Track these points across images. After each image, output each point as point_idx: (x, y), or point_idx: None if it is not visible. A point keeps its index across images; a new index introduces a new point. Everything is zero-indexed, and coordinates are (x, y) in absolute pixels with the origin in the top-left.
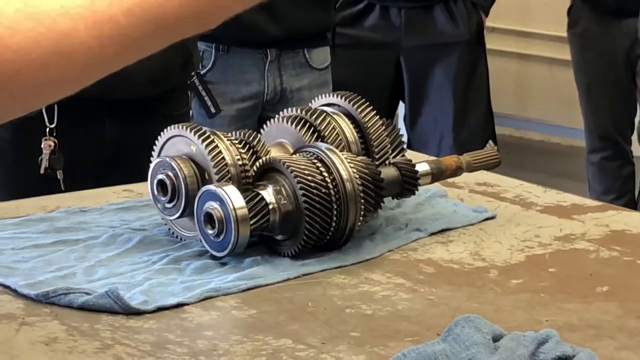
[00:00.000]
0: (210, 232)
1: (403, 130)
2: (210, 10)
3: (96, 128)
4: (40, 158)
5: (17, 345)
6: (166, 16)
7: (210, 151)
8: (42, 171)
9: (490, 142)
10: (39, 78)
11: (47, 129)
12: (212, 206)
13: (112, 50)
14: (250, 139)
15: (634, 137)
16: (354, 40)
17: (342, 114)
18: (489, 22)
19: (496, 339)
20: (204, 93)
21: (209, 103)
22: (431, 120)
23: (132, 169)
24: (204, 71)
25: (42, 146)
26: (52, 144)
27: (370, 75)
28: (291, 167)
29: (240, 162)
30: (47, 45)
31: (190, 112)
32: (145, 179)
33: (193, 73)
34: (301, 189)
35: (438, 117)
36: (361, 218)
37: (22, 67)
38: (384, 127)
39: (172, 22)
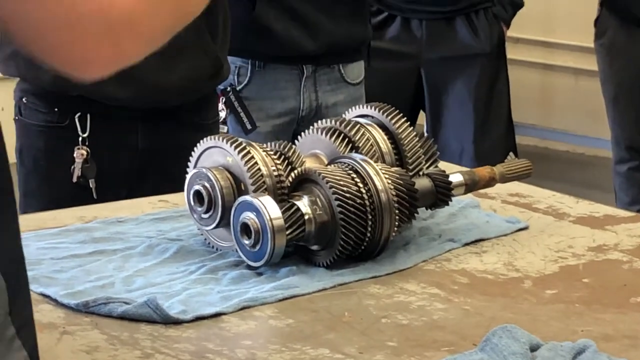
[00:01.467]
0: (246, 242)
1: None
2: None
3: (128, 137)
4: (72, 167)
5: (60, 354)
6: None
7: (246, 162)
8: (74, 180)
9: (511, 153)
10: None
11: (80, 138)
12: (249, 216)
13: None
14: (286, 150)
15: None
16: (375, 52)
17: (375, 125)
18: (513, 33)
19: (533, 348)
20: (239, 109)
21: (245, 119)
22: (452, 132)
23: (163, 178)
24: (240, 87)
25: (74, 155)
26: (85, 153)
27: (390, 86)
28: (327, 178)
29: (275, 173)
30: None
31: (225, 127)
32: (176, 187)
33: (229, 89)
34: (336, 199)
35: (459, 129)
36: (395, 228)
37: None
38: (417, 138)
39: None
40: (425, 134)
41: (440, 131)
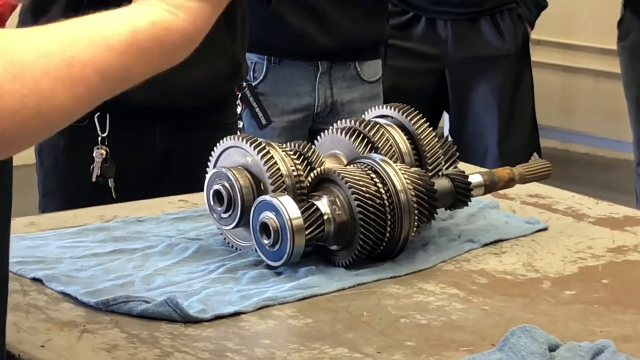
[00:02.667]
0: (266, 242)
1: None
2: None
3: (147, 137)
4: (92, 166)
5: (80, 352)
6: (131, 77)
7: (265, 162)
8: (93, 179)
9: (535, 154)
10: (19, 137)
11: (99, 138)
12: (268, 216)
13: (83, 109)
14: (305, 150)
15: None
16: (399, 51)
17: (395, 126)
18: (533, 35)
19: (552, 349)
20: (255, 104)
21: (260, 114)
22: (476, 132)
23: (182, 178)
24: (255, 83)
25: (94, 155)
26: (104, 153)
27: (414, 85)
28: (346, 178)
29: (295, 173)
30: (30, 108)
31: (241, 122)
32: (195, 188)
33: (244, 84)
34: (356, 199)
35: (483, 130)
36: (415, 229)
37: (6, 127)
38: (436, 139)
39: (134, 80)
40: (445, 134)
41: (463, 132)
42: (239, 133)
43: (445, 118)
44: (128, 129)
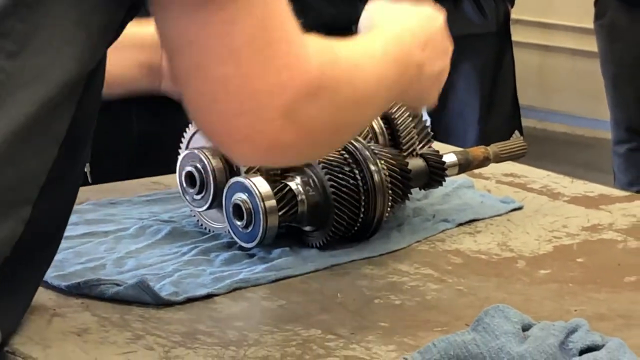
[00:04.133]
0: (238, 223)
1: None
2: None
3: (123, 121)
4: None
5: (50, 335)
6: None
7: None
8: None
9: (517, 132)
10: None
11: None
12: (241, 198)
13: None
14: None
15: None
16: None
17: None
18: (511, 14)
19: (525, 328)
20: None
21: None
22: (457, 112)
23: (160, 162)
24: None
25: None
26: None
27: None
28: (319, 159)
29: None
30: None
31: None
32: (173, 172)
33: None
34: (329, 180)
35: (464, 109)
36: (389, 209)
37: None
38: (411, 119)
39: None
40: (421, 114)
41: (445, 111)
42: None
43: None
44: (104, 113)
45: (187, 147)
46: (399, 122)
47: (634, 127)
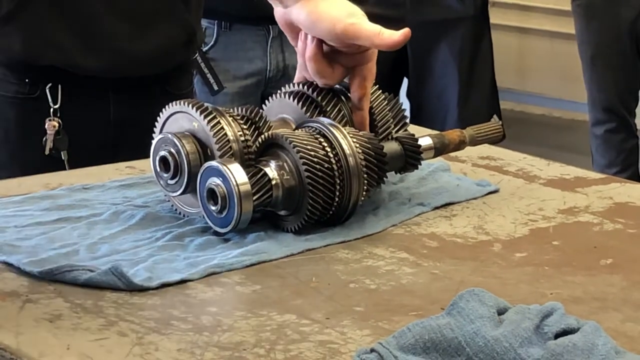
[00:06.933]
0: (213, 208)
1: (406, 105)
2: None
3: (100, 108)
4: (44, 139)
5: (22, 322)
6: None
7: (212, 127)
8: (47, 152)
9: (495, 116)
10: None
11: (51, 110)
12: (215, 182)
13: None
14: (252, 114)
15: (639, 110)
16: None
17: (344, 89)
18: None
19: (501, 312)
20: (206, 70)
21: (212, 80)
22: (436, 96)
23: (137, 149)
24: (206, 48)
25: (46, 127)
26: (57, 125)
27: None
28: (293, 143)
29: (242, 138)
30: None
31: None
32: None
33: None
34: (304, 164)
35: (443, 92)
36: (364, 193)
37: None
38: (386, 102)
39: None
40: (395, 97)
41: (423, 95)
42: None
43: (405, 81)
44: (81, 100)
45: (161, 132)
46: (374, 105)
47: (611, 108)
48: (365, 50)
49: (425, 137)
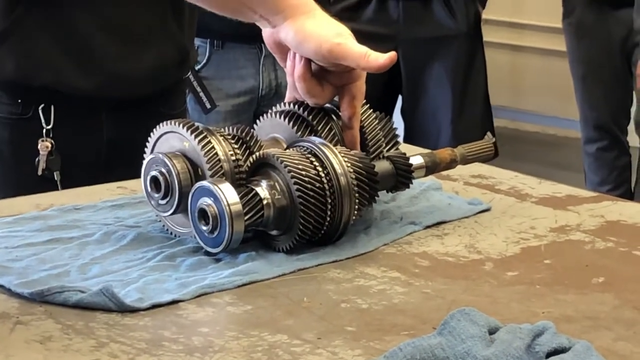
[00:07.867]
0: (204, 228)
1: (400, 123)
2: None
3: (93, 128)
4: (37, 159)
5: (12, 344)
6: None
7: (203, 147)
8: (39, 173)
9: (489, 133)
10: None
11: (44, 130)
12: (206, 202)
13: None
14: (243, 134)
15: (630, 128)
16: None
17: (335, 108)
18: (482, 15)
19: (492, 331)
20: (199, 89)
21: (204, 99)
22: (429, 113)
23: (130, 169)
24: (198, 67)
25: (39, 147)
26: (49, 145)
27: None
28: (285, 162)
29: (233, 158)
30: None
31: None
32: None
33: None
34: (295, 183)
35: (436, 110)
36: (356, 212)
37: None
38: (377, 121)
39: None
40: (387, 117)
41: (417, 113)
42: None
43: (398, 98)
44: (74, 120)
45: (152, 151)
46: (365, 124)
47: (603, 126)
48: (353, 69)
49: (416, 156)
